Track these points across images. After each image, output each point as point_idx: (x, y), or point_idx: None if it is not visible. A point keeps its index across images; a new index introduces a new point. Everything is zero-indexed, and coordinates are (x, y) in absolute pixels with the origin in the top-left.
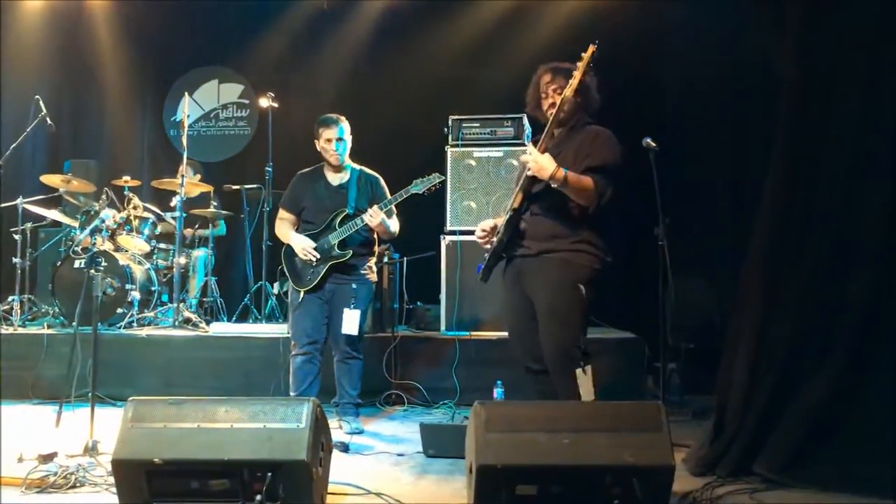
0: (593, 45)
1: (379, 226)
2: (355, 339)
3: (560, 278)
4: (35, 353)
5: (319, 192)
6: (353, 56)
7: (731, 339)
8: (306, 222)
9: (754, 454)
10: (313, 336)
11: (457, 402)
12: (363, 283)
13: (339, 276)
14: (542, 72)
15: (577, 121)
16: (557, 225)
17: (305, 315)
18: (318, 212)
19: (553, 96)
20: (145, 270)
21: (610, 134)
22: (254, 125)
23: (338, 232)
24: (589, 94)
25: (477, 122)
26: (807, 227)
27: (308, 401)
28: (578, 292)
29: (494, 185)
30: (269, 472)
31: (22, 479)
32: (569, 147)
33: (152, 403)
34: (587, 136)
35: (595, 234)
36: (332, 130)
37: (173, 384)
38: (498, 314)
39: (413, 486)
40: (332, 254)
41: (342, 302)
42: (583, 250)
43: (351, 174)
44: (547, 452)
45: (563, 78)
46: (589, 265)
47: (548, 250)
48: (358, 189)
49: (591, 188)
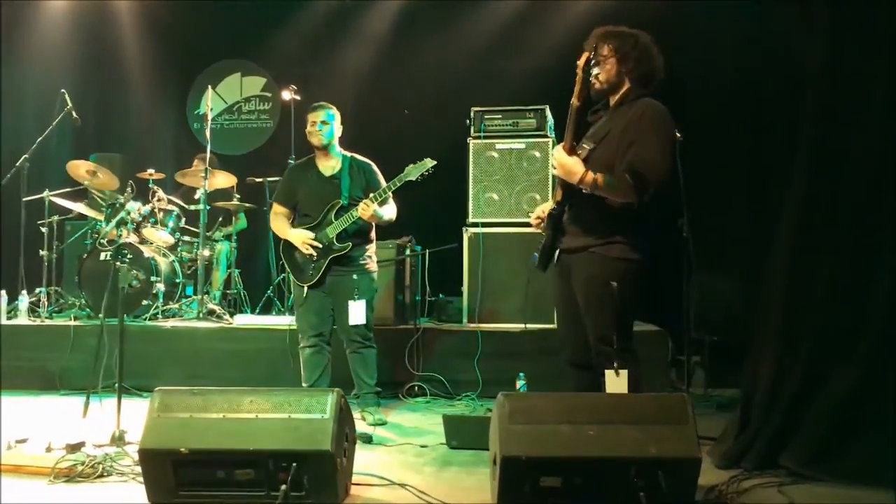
0: (587, 52)
1: (372, 217)
2: (364, 328)
3: (593, 275)
4: (62, 345)
5: (312, 183)
6: (374, 48)
7: (757, 333)
8: (302, 215)
9: (781, 447)
10: (319, 328)
11: (479, 394)
12: (363, 273)
13: (338, 269)
14: (589, 39)
15: (625, 94)
16: (595, 220)
17: (310, 310)
18: (313, 204)
19: (599, 66)
20: (170, 263)
21: (661, 114)
22: (276, 118)
23: (334, 225)
24: (631, 63)
25: (499, 113)
26: (833, 220)
27: (333, 391)
28: (610, 289)
29: (517, 177)
30: (294, 463)
31: (50, 468)
32: (616, 127)
33: (178, 394)
34: (634, 116)
35: (631, 228)
36: (316, 114)
37: (198, 375)
38: (520, 306)
39: (436, 477)
40: (332, 247)
41: (345, 294)
42: (616, 242)
43: (342, 162)
44: (571, 444)
45: (606, 45)
46: (622, 258)
47: (584, 246)
48: (350, 178)
49: (629, 188)
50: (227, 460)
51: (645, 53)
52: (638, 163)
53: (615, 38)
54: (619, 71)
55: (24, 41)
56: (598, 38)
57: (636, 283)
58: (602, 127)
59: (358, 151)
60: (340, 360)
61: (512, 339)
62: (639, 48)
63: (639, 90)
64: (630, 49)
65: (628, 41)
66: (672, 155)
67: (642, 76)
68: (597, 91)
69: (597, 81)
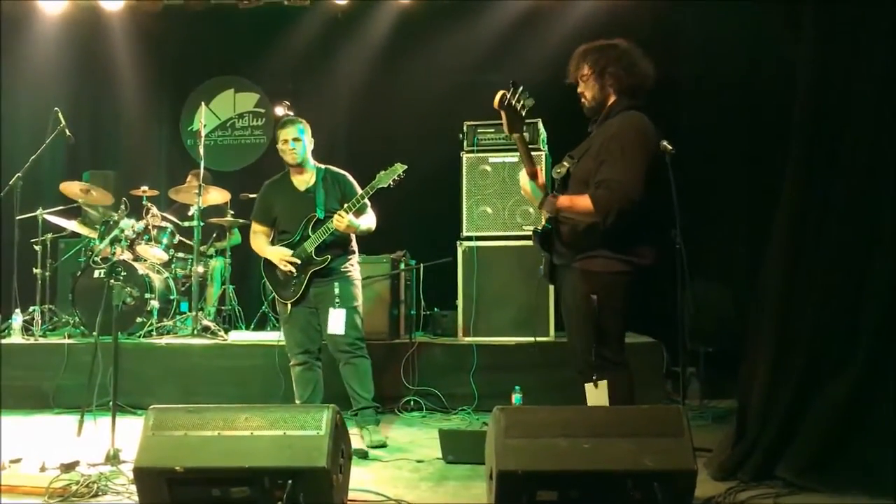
0: (504, 90)
1: (348, 228)
2: (355, 338)
3: (574, 289)
4: (56, 363)
5: (288, 198)
6: (366, 64)
7: (751, 343)
8: (281, 232)
9: (777, 458)
10: (305, 346)
11: (475, 407)
12: (345, 281)
13: (319, 280)
14: (572, 58)
15: (611, 107)
16: (577, 236)
17: (295, 327)
18: (290, 220)
19: (580, 85)
20: (164, 279)
21: (634, 131)
22: (269, 134)
23: (312, 239)
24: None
25: (492, 127)
26: (825, 228)
27: (328, 408)
28: (590, 302)
29: (510, 191)
30: (290, 480)
31: (45, 488)
32: (595, 143)
33: (173, 411)
34: (608, 133)
35: (616, 240)
36: (287, 131)
37: (193, 392)
38: (514, 319)
39: (433, 492)
40: (312, 262)
41: (327, 303)
42: (598, 256)
43: (316, 175)
44: (567, 458)
45: (584, 63)
46: (605, 271)
47: (567, 263)
48: (325, 190)
49: (590, 210)
50: (223, 478)
51: (625, 63)
52: (602, 183)
53: (592, 54)
54: (601, 85)
55: (17, 59)
56: (578, 58)
57: (622, 296)
58: (586, 142)
59: (350, 167)
60: (336, 376)
61: (507, 353)
62: (618, 59)
63: (626, 101)
64: (607, 61)
65: (606, 54)
66: (642, 171)
67: (627, 87)
68: (588, 109)
69: (585, 100)
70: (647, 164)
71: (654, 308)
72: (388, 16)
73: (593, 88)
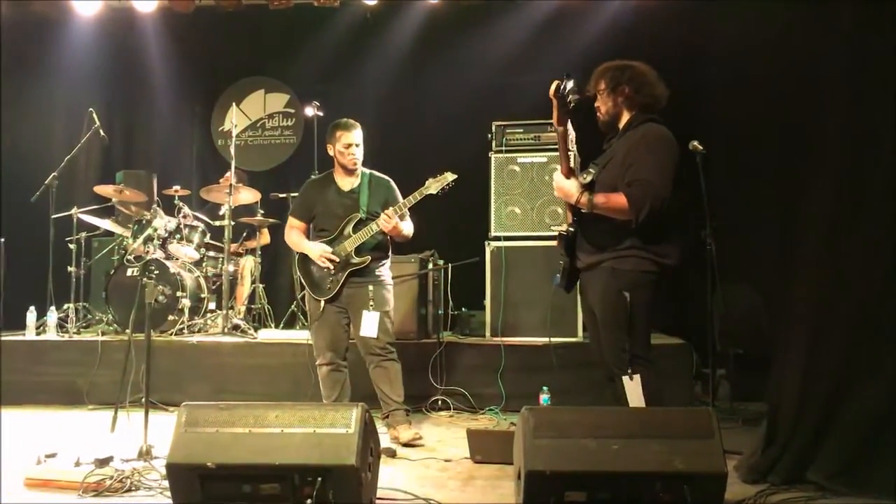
0: (558, 80)
1: (394, 229)
2: (386, 342)
3: (606, 287)
4: (90, 360)
5: (330, 197)
6: (395, 64)
7: (783, 346)
8: (320, 230)
9: (808, 462)
10: (333, 346)
11: (502, 407)
12: (379, 285)
13: (355, 280)
14: (593, 74)
15: (630, 121)
16: (603, 237)
17: (325, 325)
18: (330, 218)
19: (598, 100)
20: (195, 278)
21: (658, 137)
22: (299, 134)
23: (353, 238)
24: (623, 94)
25: (520, 127)
26: (857, 232)
27: (357, 406)
28: (623, 298)
29: (538, 191)
30: (319, 477)
31: (79, 482)
32: (619, 152)
33: (205, 408)
34: (634, 139)
35: (644, 240)
36: (351, 134)
37: (223, 390)
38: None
39: (461, 491)
40: (350, 261)
41: (360, 305)
42: (628, 255)
43: (362, 178)
44: (596, 459)
45: (602, 80)
46: (635, 269)
47: (596, 262)
48: (370, 192)
49: (624, 207)
50: (253, 475)
51: (638, 83)
52: (634, 182)
53: (608, 72)
54: (615, 101)
55: (52, 60)
56: (598, 74)
57: (652, 295)
58: (609, 152)
59: (379, 166)
60: (364, 376)
61: (535, 353)
62: (631, 78)
63: (642, 116)
64: (620, 80)
65: (620, 73)
66: (671, 174)
67: (642, 104)
68: (603, 123)
69: (600, 114)
70: (674, 169)
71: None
72: (416, 16)
73: (607, 103)
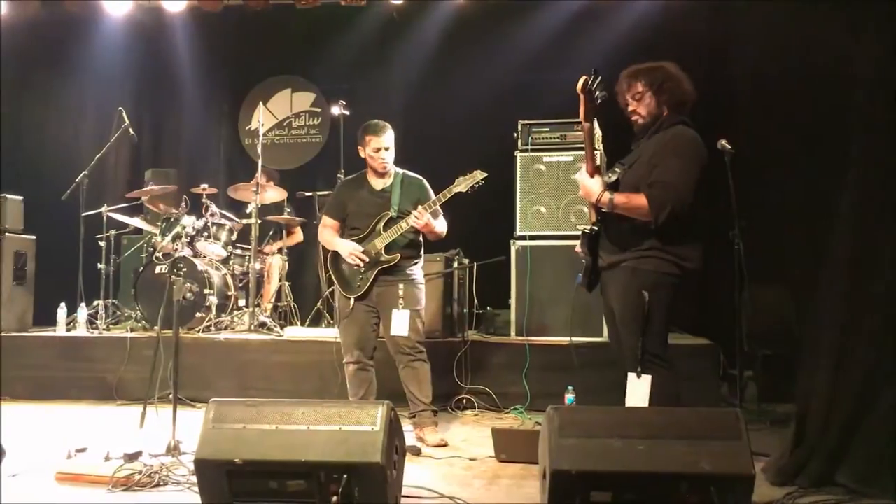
0: (586, 75)
1: (426, 226)
2: (416, 342)
3: (625, 287)
4: (119, 356)
5: (363, 196)
6: (421, 62)
7: (812, 347)
8: (352, 228)
9: (838, 464)
10: (361, 345)
11: (527, 407)
12: (410, 283)
13: (385, 278)
14: (620, 80)
15: (661, 122)
16: (625, 237)
17: (354, 323)
18: (362, 217)
19: (632, 104)
20: (222, 276)
21: (686, 140)
22: (325, 133)
23: (383, 236)
24: (665, 93)
25: (546, 126)
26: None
27: (383, 404)
28: (641, 298)
29: (564, 190)
30: (345, 474)
31: (109, 477)
32: (646, 152)
33: (232, 405)
34: (661, 142)
35: (665, 241)
36: (381, 139)
37: (249, 386)
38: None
39: (486, 490)
40: (380, 258)
41: (390, 304)
42: (650, 256)
43: (395, 177)
44: (621, 459)
45: (638, 82)
46: (656, 270)
47: (617, 262)
48: (402, 191)
49: (644, 208)
50: (280, 471)
51: (675, 81)
52: (656, 183)
53: (645, 75)
54: (658, 102)
55: (82, 59)
56: (630, 77)
57: (671, 297)
58: (636, 152)
59: (405, 165)
60: (391, 373)
61: (560, 352)
62: (670, 76)
63: (675, 117)
64: (663, 78)
65: (658, 74)
66: (695, 178)
67: (676, 102)
68: (641, 126)
69: (639, 117)
70: (699, 171)
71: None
72: (443, 15)
73: (649, 105)
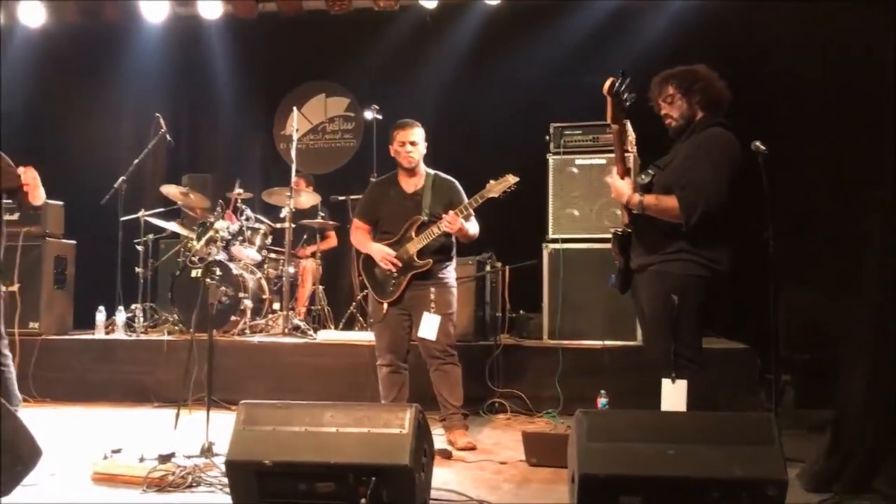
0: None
1: (459, 230)
2: (447, 345)
3: (654, 290)
4: (155, 359)
5: (394, 199)
6: (453, 66)
7: (849, 351)
8: (383, 232)
9: (875, 470)
10: (393, 349)
11: (560, 411)
12: (442, 287)
13: (418, 282)
14: (651, 86)
15: (697, 124)
16: (655, 239)
17: (387, 327)
18: (394, 220)
19: (664, 107)
20: (257, 279)
21: (720, 142)
22: (359, 137)
23: (415, 241)
24: (697, 95)
25: (579, 129)
26: None
27: (411, 407)
28: (671, 301)
29: (597, 193)
30: (373, 476)
31: (143, 478)
32: (680, 154)
33: (262, 407)
34: (694, 144)
35: (695, 243)
36: (405, 133)
37: (282, 389)
38: (601, 323)
39: (515, 494)
40: (413, 263)
41: (422, 307)
42: (678, 259)
43: (426, 180)
44: (651, 463)
45: (669, 86)
46: (684, 273)
47: (647, 264)
48: (433, 194)
49: (674, 209)
50: (309, 473)
51: (706, 82)
52: (688, 185)
53: (676, 78)
54: (690, 104)
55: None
56: (660, 82)
57: (702, 299)
58: (671, 154)
59: (437, 167)
60: (423, 376)
61: (593, 356)
62: (701, 77)
63: (710, 119)
64: (693, 79)
65: (688, 76)
66: (727, 180)
67: (709, 103)
68: (675, 129)
69: (672, 120)
70: (732, 174)
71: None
72: (475, 18)
73: (681, 107)
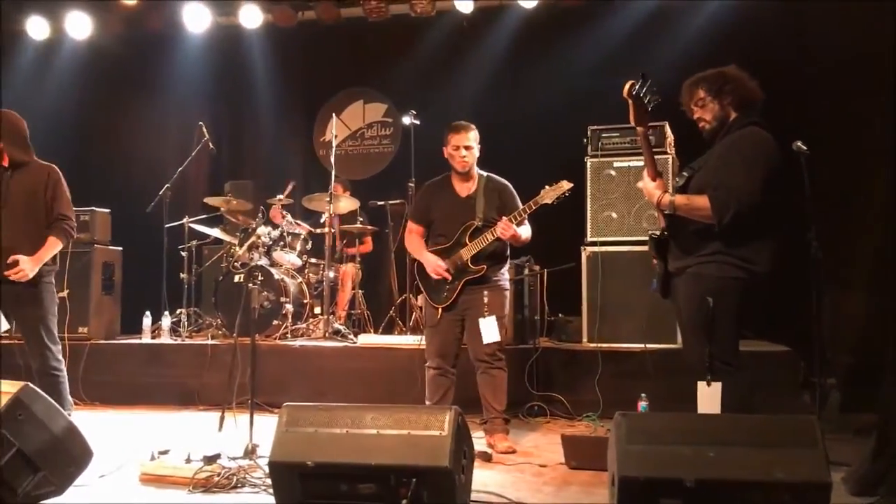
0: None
1: (512, 236)
2: (496, 349)
3: (690, 293)
4: (200, 363)
5: (447, 202)
6: (490, 70)
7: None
8: (437, 235)
9: None
10: (442, 353)
11: (600, 414)
12: (496, 290)
13: (471, 287)
14: (682, 91)
15: (731, 124)
16: (690, 241)
17: (439, 332)
18: (448, 224)
19: (697, 111)
20: (298, 284)
21: (754, 142)
22: (397, 142)
23: (469, 246)
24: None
25: (616, 131)
26: None
27: (450, 409)
28: (706, 304)
29: (636, 195)
30: (414, 478)
31: (189, 478)
32: (715, 154)
33: (305, 409)
34: (728, 144)
35: (730, 244)
36: (460, 137)
37: (323, 392)
38: (640, 326)
39: (555, 497)
40: (467, 269)
41: (475, 311)
42: (713, 261)
43: (479, 183)
44: (691, 466)
45: (699, 89)
46: (720, 275)
47: (683, 267)
48: (486, 199)
49: (706, 209)
50: (351, 474)
51: (736, 82)
52: (721, 185)
53: (705, 81)
54: (721, 105)
55: (165, 75)
56: (691, 86)
57: (738, 301)
58: (707, 155)
59: None
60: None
61: (633, 359)
62: (731, 79)
63: (744, 119)
64: (723, 81)
65: (717, 77)
66: (761, 179)
67: (741, 103)
68: (709, 132)
69: (705, 122)
70: (767, 173)
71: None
72: (511, 22)
73: (713, 110)
